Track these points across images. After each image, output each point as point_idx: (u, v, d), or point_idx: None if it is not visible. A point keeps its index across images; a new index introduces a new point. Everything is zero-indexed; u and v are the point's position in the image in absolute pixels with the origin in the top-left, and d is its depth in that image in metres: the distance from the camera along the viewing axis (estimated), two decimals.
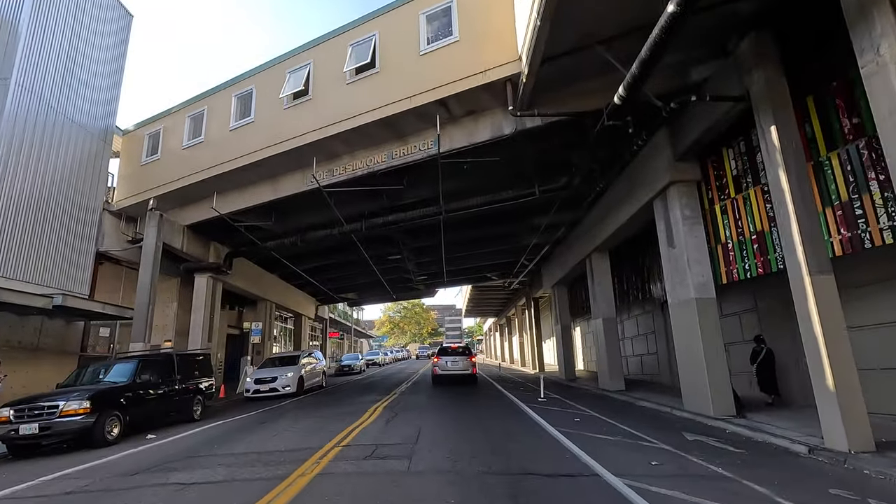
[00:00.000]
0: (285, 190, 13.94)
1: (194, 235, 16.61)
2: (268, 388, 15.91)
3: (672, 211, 10.49)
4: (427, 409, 10.88)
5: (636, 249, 16.63)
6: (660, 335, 16.43)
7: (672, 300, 10.68)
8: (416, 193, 14.52)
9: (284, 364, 17.60)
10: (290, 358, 18.28)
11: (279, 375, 16.19)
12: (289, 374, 16.42)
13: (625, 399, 12.82)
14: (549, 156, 12.66)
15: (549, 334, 31.75)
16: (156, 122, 15.98)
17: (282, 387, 16.01)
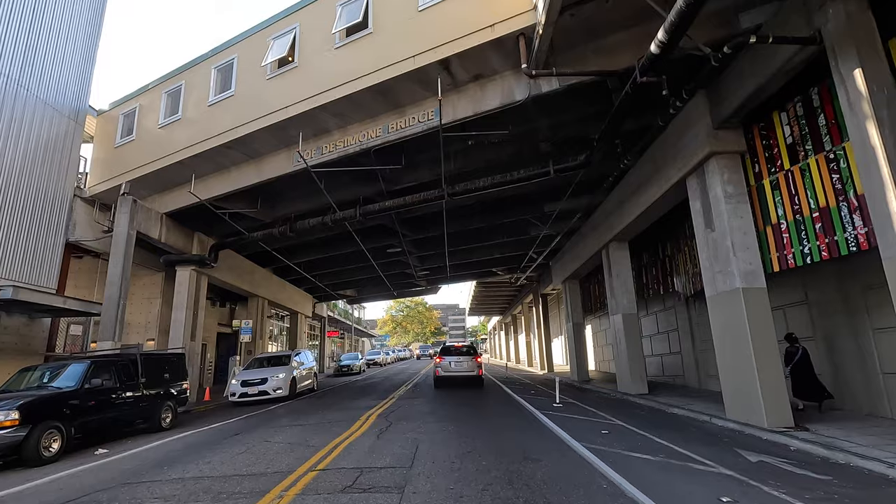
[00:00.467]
0: (270, 171, 12.55)
1: (175, 225, 15.24)
2: (256, 392, 14.33)
3: (711, 189, 9.02)
4: (427, 418, 9.45)
5: (656, 239, 15.18)
6: (684, 333, 14.96)
7: (711, 292, 9.22)
8: (415, 176, 13.11)
9: (274, 364, 16.10)
10: (279, 358, 16.72)
11: (269, 377, 14.64)
12: (280, 376, 14.92)
13: (650, 405, 11.36)
14: (566, 130, 11.23)
15: (558, 333, 30.31)
16: (131, 101, 14.63)
17: (272, 389, 14.50)
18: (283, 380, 14.88)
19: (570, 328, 20.09)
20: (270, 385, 14.51)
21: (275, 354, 17.74)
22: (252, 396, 14.30)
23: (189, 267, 15.87)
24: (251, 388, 14.37)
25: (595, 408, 10.96)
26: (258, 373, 15.06)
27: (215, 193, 13.44)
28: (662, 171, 10.64)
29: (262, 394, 14.36)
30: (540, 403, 11.70)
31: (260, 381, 14.53)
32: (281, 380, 14.83)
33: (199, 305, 16.41)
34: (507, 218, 16.76)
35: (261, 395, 14.32)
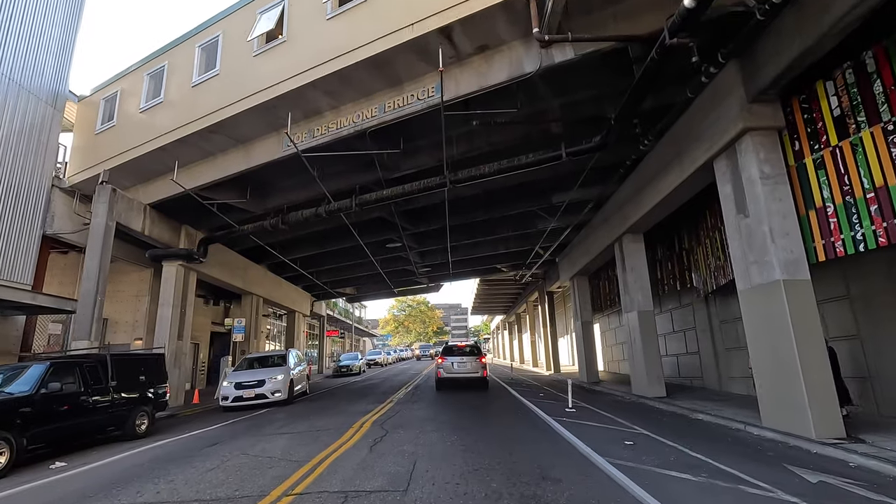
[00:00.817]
0: (259, 157, 11.64)
1: (160, 217, 14.34)
2: (253, 395, 12.97)
3: (745, 170, 8.06)
4: (427, 426, 8.52)
5: (671, 232, 14.22)
6: (703, 332, 13.98)
7: (744, 285, 8.26)
8: (415, 162, 12.20)
9: (267, 365, 14.82)
10: (273, 358, 15.43)
11: (267, 379, 13.33)
12: (279, 377, 13.59)
13: (671, 409, 10.41)
14: (580, 110, 10.30)
15: (564, 332, 29.36)
16: (112, 85, 13.74)
17: (271, 392, 13.17)
18: (281, 382, 13.55)
19: (578, 327, 19.13)
20: (269, 388, 13.21)
21: (268, 354, 16.33)
22: (248, 400, 12.95)
23: (176, 262, 14.98)
24: (246, 391, 13.01)
25: (611, 413, 10.01)
26: (253, 374, 13.73)
27: (201, 182, 12.54)
28: (686, 153, 9.67)
29: (260, 397, 13.04)
30: (550, 408, 10.76)
31: (256, 383, 13.22)
32: (280, 382, 13.51)
33: (188, 302, 15.52)
34: (513, 210, 15.83)
35: (258, 399, 13.00)
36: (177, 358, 14.74)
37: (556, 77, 9.45)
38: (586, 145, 9.99)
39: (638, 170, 12.18)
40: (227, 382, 13.45)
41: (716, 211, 11.41)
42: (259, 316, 21.36)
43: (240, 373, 14.07)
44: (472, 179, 11.28)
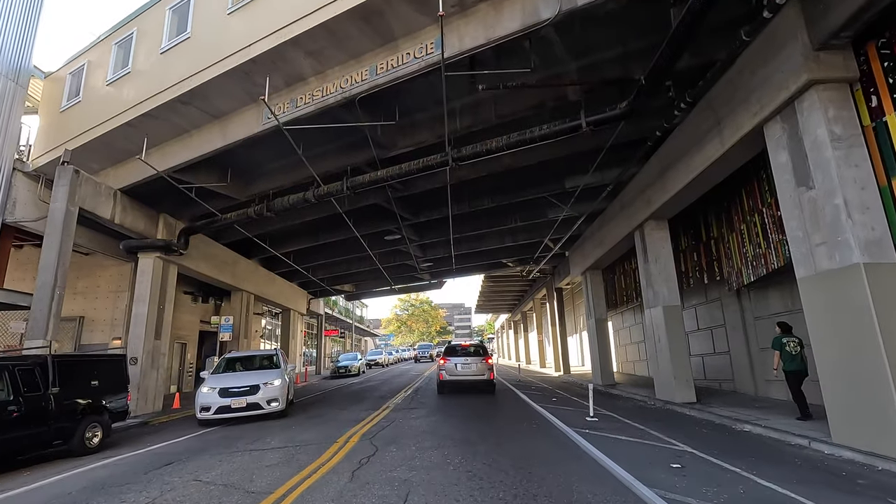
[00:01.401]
0: (237, 132, 10.32)
1: (134, 204, 13.03)
2: (245, 405, 10.18)
3: (808, 132, 6.68)
4: (425, 441, 7.16)
5: (697, 218, 12.84)
6: (734, 329, 12.57)
7: (805, 271, 6.89)
8: (413, 139, 10.86)
9: (252, 367, 12.06)
10: (257, 359, 12.59)
11: (262, 384, 10.53)
12: (275, 383, 10.77)
13: (708, 418, 9.03)
14: (602, 71, 8.90)
15: (573, 331, 27.96)
16: (80, 58, 12.47)
17: (267, 402, 10.42)
18: (279, 388, 10.76)
19: (591, 325, 17.74)
20: (264, 395, 10.40)
21: (252, 353, 13.24)
22: (238, 411, 10.12)
23: (153, 254, 13.68)
24: (236, 400, 10.16)
25: (640, 423, 8.63)
26: (241, 378, 10.96)
27: (175, 163, 11.23)
28: (727, 120, 8.29)
29: (253, 407, 10.26)
30: (568, 416, 9.38)
31: (249, 389, 10.39)
32: (277, 388, 10.71)
33: (167, 298, 14.22)
34: (521, 197, 14.45)
35: (250, 410, 10.23)
36: (154, 359, 13.44)
37: (575, 33, 8.12)
38: (610, 112, 8.60)
39: (664, 146, 10.79)
40: (208, 389, 10.43)
41: (755, 192, 10.05)
42: (250, 314, 20.05)
43: (223, 377, 11.25)
44: (477, 156, 9.92)
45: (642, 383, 16.24)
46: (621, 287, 17.43)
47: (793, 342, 8.12)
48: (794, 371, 7.99)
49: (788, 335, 8.29)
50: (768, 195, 9.50)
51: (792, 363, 8.01)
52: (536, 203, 15.93)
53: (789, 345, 8.10)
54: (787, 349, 8.08)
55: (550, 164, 13.11)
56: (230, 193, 13.02)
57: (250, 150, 11.91)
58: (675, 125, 9.95)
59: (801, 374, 7.98)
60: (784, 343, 8.15)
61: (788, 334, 8.32)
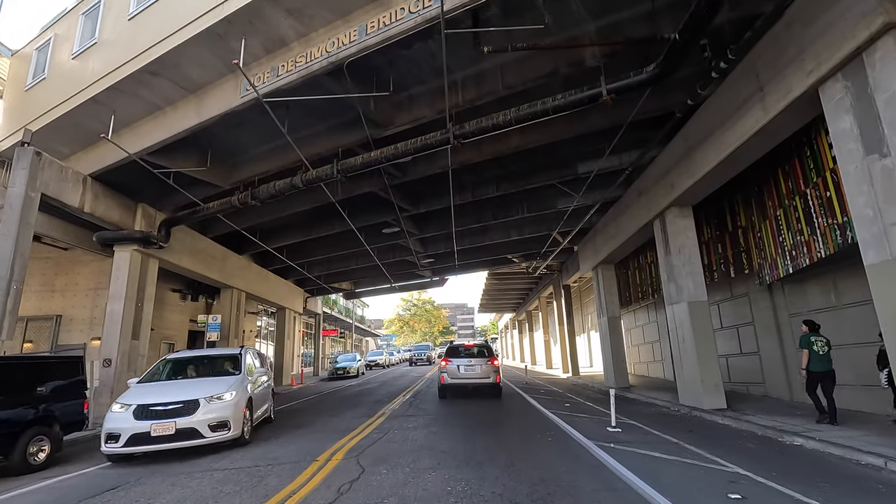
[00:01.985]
0: (213, 107, 9.24)
1: (107, 192, 11.96)
2: (172, 432, 6.74)
3: (882, 88, 5.58)
4: (423, 459, 6.05)
5: (721, 206, 11.74)
6: (765, 328, 11.42)
7: (877, 256, 5.82)
8: (410, 115, 9.77)
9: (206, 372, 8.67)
10: (214, 361, 9.14)
11: (202, 399, 7.10)
12: (226, 398, 7.31)
13: (747, 429, 7.90)
14: (626, 30, 7.78)
15: (581, 330, 26.82)
16: (46, 32, 11.43)
17: (210, 426, 6.99)
18: (230, 405, 7.27)
19: (603, 323, 16.59)
20: (206, 416, 6.97)
21: (207, 354, 9.87)
22: (159, 441, 6.71)
23: (130, 246, 12.61)
24: (159, 425, 6.69)
25: (670, 434, 7.50)
26: (174, 391, 7.39)
27: (148, 144, 10.16)
28: (773, 83, 7.15)
29: (187, 436, 6.80)
30: (586, 426, 8.26)
31: (181, 407, 6.92)
32: (227, 406, 7.22)
33: (146, 295, 13.15)
34: (529, 184, 13.32)
35: (182, 440, 6.79)
36: (131, 361, 12.38)
37: None
38: (636, 77, 7.47)
39: (691, 122, 9.66)
40: (121, 407, 6.99)
41: (795, 172, 8.91)
42: (240, 312, 18.97)
43: (152, 387, 7.62)
44: (482, 132, 8.79)
45: (659, 386, 15.10)
46: (636, 283, 16.28)
47: (820, 341, 7.64)
48: (821, 372, 7.53)
49: (816, 334, 7.78)
50: (813, 174, 8.36)
51: (819, 364, 7.54)
52: (545, 192, 14.82)
53: (817, 344, 7.62)
54: (814, 349, 7.60)
55: (561, 148, 11.99)
56: (212, 180, 11.94)
57: (232, 131, 10.86)
58: (701, 102, 8.85)
59: (829, 376, 7.54)
60: (812, 342, 7.64)
61: (816, 333, 7.81)
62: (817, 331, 7.88)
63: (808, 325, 8.00)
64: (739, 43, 6.94)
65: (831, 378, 7.54)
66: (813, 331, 7.87)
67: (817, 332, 7.85)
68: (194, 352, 10.19)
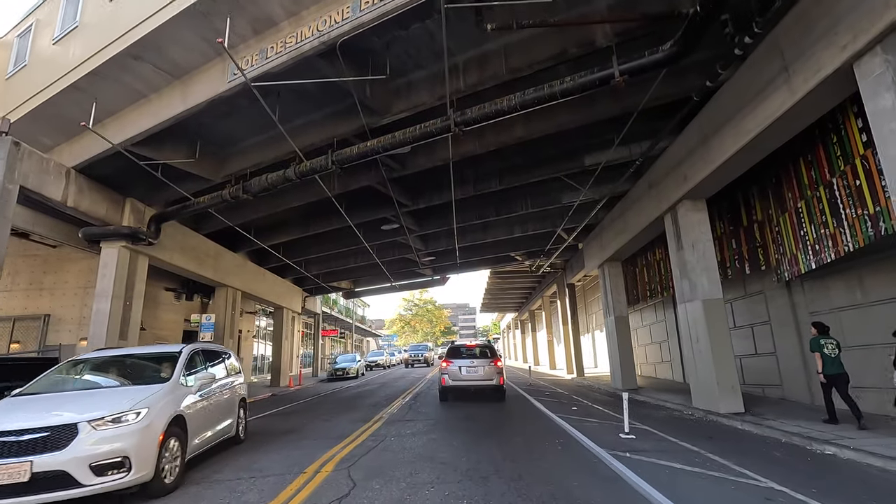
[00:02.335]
0: (200, 93, 8.71)
1: (93, 186, 11.46)
2: (23, 478, 4.15)
3: None
4: (421, 472, 5.51)
5: (735, 199, 11.20)
6: (782, 327, 10.86)
7: None
8: (408, 102, 9.24)
9: (122, 376, 6.15)
10: (142, 363, 6.55)
11: (81, 424, 4.48)
12: (126, 418, 4.71)
13: (771, 435, 7.34)
14: (641, 5, 7.23)
15: (585, 330, 26.26)
16: (29, 17, 10.91)
17: (91, 467, 4.36)
18: (132, 431, 4.66)
19: (610, 323, 16.03)
20: (84, 452, 4.38)
21: (130, 353, 7.05)
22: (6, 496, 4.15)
23: (118, 243, 12.10)
24: (6, 468, 4.16)
25: (688, 441, 6.94)
26: (43, 406, 4.98)
27: (133, 134, 9.64)
28: (800, 62, 6.59)
29: (48, 484, 4.23)
30: (597, 432, 7.71)
31: (43, 434, 4.38)
32: (124, 431, 4.63)
33: (135, 294, 12.64)
34: (534, 177, 12.76)
35: (39, 492, 4.21)
36: None
37: None
38: (651, 56, 6.93)
39: (707, 109, 9.11)
40: None
41: (820, 160, 8.35)
42: (235, 312, 18.45)
43: (25, 402, 5.18)
44: (485, 119, 8.24)
45: (668, 388, 14.54)
46: (644, 281, 15.71)
47: (831, 344, 7.49)
48: (833, 375, 7.35)
49: (826, 336, 7.64)
50: (840, 162, 7.80)
51: (831, 366, 7.39)
52: (549, 186, 14.28)
53: (827, 347, 7.47)
54: (825, 351, 7.45)
55: (567, 139, 11.49)
56: (202, 173, 11.43)
57: (222, 121, 10.36)
58: (723, 81, 8.28)
59: (842, 378, 7.33)
60: (822, 345, 7.49)
61: (826, 335, 7.67)
62: (827, 332, 7.73)
63: (817, 327, 7.85)
64: (766, 15, 6.37)
65: (844, 380, 7.35)
66: (822, 333, 7.71)
67: (827, 335, 7.70)
68: (115, 351, 7.17)
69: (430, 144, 11.50)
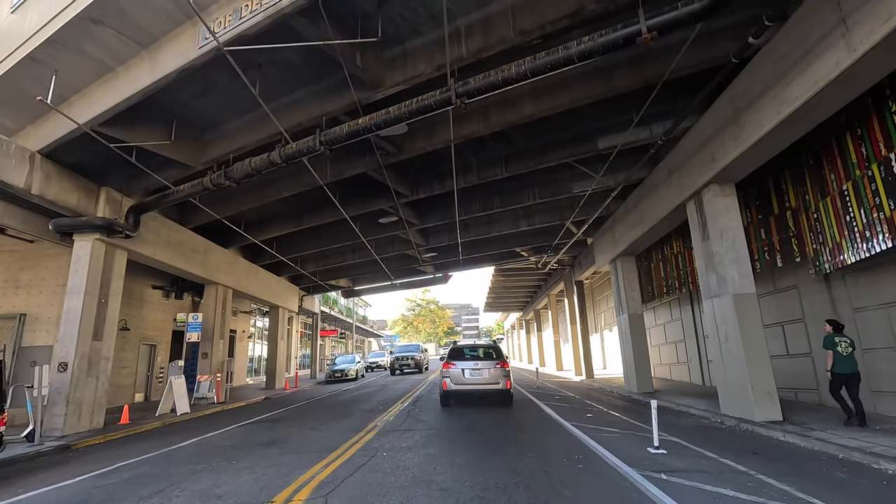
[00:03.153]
0: (168, 63, 7.75)
1: (63, 173, 10.53)
2: None
3: None
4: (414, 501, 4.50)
5: (764, 185, 10.19)
6: (820, 325, 9.78)
7: None
8: (405, 73, 8.26)
9: None
10: None
11: None
12: None
13: (823, 449, 6.32)
14: None
15: (593, 329, 25.25)
16: None
17: None
18: None
19: (623, 321, 15.00)
20: None
21: None
22: None
23: (91, 235, 11.16)
24: None
25: (733, 458, 5.92)
26: None
27: (100, 111, 8.68)
28: (862, 13, 5.61)
29: None
30: (621, 445, 6.70)
31: None
32: None
33: (111, 291, 11.70)
34: (543, 163, 11.72)
35: None
36: (92, 365, 10.93)
37: None
38: (686, 7, 5.91)
39: (741, 79, 8.09)
40: None
41: (872, 134, 7.33)
42: (226, 311, 17.48)
43: None
44: (491, 88, 7.23)
45: (687, 391, 13.51)
46: (659, 276, 14.67)
47: (845, 342, 7.45)
48: (846, 374, 7.32)
49: (840, 334, 7.60)
50: None
51: (844, 365, 7.34)
52: (559, 175, 13.31)
53: (841, 345, 7.43)
54: (838, 350, 7.41)
55: (580, 119, 10.53)
56: (182, 159, 10.48)
57: (200, 100, 9.43)
58: (753, 53, 7.27)
59: (855, 377, 7.32)
60: (836, 343, 7.46)
61: (840, 333, 7.63)
62: (841, 331, 7.70)
63: (831, 324, 7.79)
64: None
65: (857, 379, 7.34)
66: (837, 331, 7.67)
67: (841, 333, 7.66)
68: None
69: (429, 125, 10.59)
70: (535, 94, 9.30)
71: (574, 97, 9.02)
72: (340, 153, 11.36)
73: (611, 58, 8.50)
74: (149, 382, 17.43)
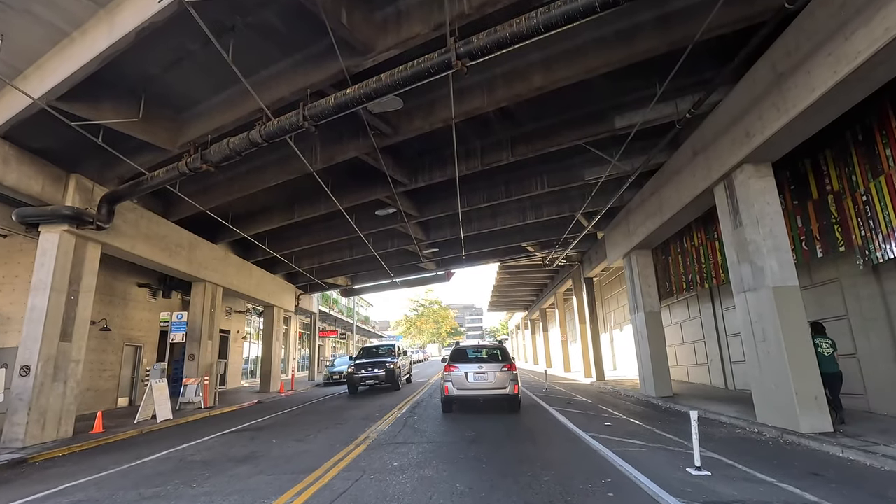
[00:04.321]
0: (127, 22, 6.75)
1: (24, 157, 9.59)
2: None
3: None
4: None
5: (799, 167, 9.15)
6: (867, 321, 8.77)
7: None
8: (399, 34, 7.26)
9: None
10: None
11: None
12: None
13: None
14: None
15: (604, 329, 24.16)
16: None
17: None
18: None
19: (639, 320, 13.93)
20: None
21: None
22: None
23: (59, 226, 10.20)
24: None
25: (792, 482, 4.87)
26: None
27: (55, 83, 7.71)
28: None
29: None
30: (652, 463, 5.66)
31: None
32: None
33: (82, 287, 10.73)
34: (553, 145, 10.66)
35: None
36: (59, 368, 9.96)
37: None
38: None
39: (783, 39, 7.04)
40: None
41: None
42: (215, 309, 16.49)
43: None
44: (497, 47, 6.19)
45: (709, 395, 12.45)
46: (678, 271, 13.58)
47: (825, 343, 7.62)
48: (829, 374, 7.42)
49: (821, 335, 7.74)
50: None
51: (826, 366, 7.45)
52: (570, 161, 12.29)
53: (822, 346, 7.59)
54: (819, 350, 7.53)
55: (594, 94, 9.50)
56: (157, 142, 9.48)
57: (172, 72, 8.42)
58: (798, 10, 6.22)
59: (837, 377, 7.46)
60: (817, 344, 7.56)
61: (821, 335, 7.75)
62: (823, 332, 7.80)
63: (811, 325, 7.79)
64: None
65: (839, 379, 7.49)
66: (817, 332, 7.76)
67: (822, 334, 7.76)
68: None
69: (428, 103, 9.58)
70: (546, 65, 8.27)
71: (590, 66, 7.97)
72: (331, 136, 10.40)
73: (633, 18, 7.52)
74: (133, 386, 16.47)
